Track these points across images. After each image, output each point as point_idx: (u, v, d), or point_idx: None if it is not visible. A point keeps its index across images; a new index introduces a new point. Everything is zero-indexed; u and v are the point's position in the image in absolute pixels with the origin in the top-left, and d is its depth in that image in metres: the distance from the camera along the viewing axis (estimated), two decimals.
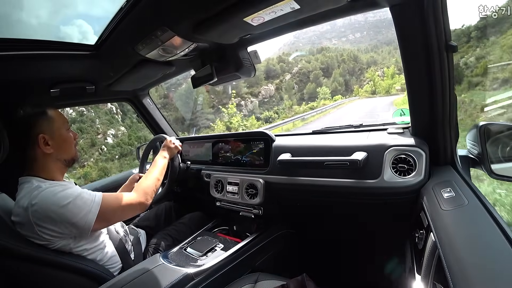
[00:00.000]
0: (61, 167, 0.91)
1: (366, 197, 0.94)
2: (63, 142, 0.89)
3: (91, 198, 0.82)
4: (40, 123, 0.85)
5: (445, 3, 0.65)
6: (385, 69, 50.77)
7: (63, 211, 0.76)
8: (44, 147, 0.84)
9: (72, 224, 0.77)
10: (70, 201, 0.77)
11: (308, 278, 0.78)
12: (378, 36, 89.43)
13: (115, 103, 19.06)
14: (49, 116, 0.87)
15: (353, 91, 50.85)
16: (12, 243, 0.72)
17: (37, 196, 0.76)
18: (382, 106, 20.56)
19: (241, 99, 42.96)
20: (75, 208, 0.78)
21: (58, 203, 0.76)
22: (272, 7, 0.66)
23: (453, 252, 0.49)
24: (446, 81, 0.73)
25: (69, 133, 0.93)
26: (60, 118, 0.91)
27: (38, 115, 0.85)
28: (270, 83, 50.95)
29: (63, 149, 0.89)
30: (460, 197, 0.62)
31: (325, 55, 64.12)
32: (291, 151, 1.11)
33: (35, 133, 0.83)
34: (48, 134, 0.85)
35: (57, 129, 0.88)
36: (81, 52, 0.98)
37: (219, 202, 1.34)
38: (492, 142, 0.77)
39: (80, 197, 0.80)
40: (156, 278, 0.85)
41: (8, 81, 0.98)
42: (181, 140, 1.68)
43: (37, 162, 0.85)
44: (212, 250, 1.08)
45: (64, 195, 0.78)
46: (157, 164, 1.12)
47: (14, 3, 11.14)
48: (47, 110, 0.88)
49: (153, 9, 0.72)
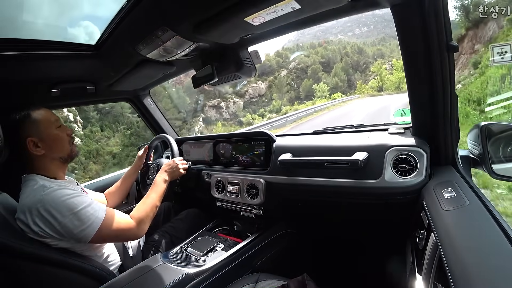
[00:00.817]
0: (59, 165, 0.90)
1: (367, 197, 0.94)
2: (53, 142, 0.87)
3: (95, 214, 0.80)
4: (26, 127, 0.83)
5: (446, 3, 0.65)
6: (393, 61, 40.91)
7: (65, 222, 0.75)
8: (34, 150, 0.83)
9: (70, 234, 0.76)
10: (74, 213, 0.76)
11: (309, 278, 0.78)
12: (386, 30, 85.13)
13: (75, 110, 17.56)
14: (33, 118, 0.84)
15: (357, 88, 41.98)
16: (14, 241, 0.72)
17: (42, 198, 0.75)
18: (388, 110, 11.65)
19: (221, 100, 36.94)
20: (77, 220, 0.76)
21: (62, 211, 0.75)
22: (273, 7, 0.66)
23: (454, 252, 0.48)
24: (446, 81, 0.73)
25: (60, 131, 0.90)
26: (46, 118, 0.88)
27: (22, 118, 0.83)
28: (262, 81, 43.51)
29: (54, 148, 0.87)
30: (461, 197, 0.62)
31: (326, 48, 55.13)
32: (292, 151, 1.11)
33: (23, 137, 0.81)
34: (36, 136, 0.83)
35: (44, 130, 0.85)
36: (82, 52, 0.98)
37: (219, 202, 1.34)
38: (493, 142, 0.77)
39: (84, 211, 0.78)
40: (157, 278, 0.85)
41: (8, 81, 0.98)
42: (182, 140, 1.69)
43: (33, 163, 0.85)
44: (212, 250, 1.08)
45: (69, 204, 0.77)
46: (156, 188, 1.04)
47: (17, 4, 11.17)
48: (31, 112, 0.85)
49: (153, 9, 0.72)
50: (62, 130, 0.92)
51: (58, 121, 0.91)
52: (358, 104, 22.18)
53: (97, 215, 0.80)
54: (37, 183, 0.80)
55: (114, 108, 21.13)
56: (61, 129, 0.91)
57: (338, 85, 45.88)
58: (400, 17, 0.70)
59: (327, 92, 41.05)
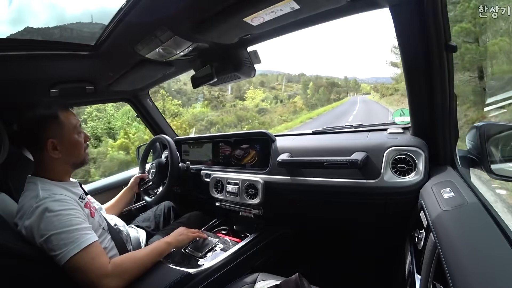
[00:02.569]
0: (68, 169, 0.89)
1: (365, 197, 0.94)
2: (72, 147, 0.86)
3: (82, 239, 0.74)
4: (51, 128, 0.81)
5: (444, 3, 0.65)
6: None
7: (41, 241, 0.72)
8: (52, 152, 0.81)
9: (49, 253, 0.73)
10: (56, 232, 0.72)
11: (302, 277, 0.78)
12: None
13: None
14: (60, 120, 0.83)
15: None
16: (12, 242, 0.72)
17: (33, 210, 0.73)
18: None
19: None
20: (57, 240, 0.72)
21: (41, 230, 0.72)
22: (272, 7, 0.66)
23: (453, 252, 0.49)
24: (445, 81, 0.73)
25: (79, 137, 0.88)
26: (72, 121, 0.86)
27: (49, 118, 0.81)
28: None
29: (71, 153, 0.86)
30: (460, 197, 0.62)
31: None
32: (291, 151, 1.11)
33: (45, 138, 0.79)
34: (58, 139, 0.81)
35: (67, 134, 0.84)
36: (81, 52, 0.98)
37: (218, 202, 1.34)
38: (492, 142, 0.77)
39: (68, 232, 0.73)
40: (156, 278, 0.85)
41: (8, 81, 0.98)
42: (181, 141, 1.69)
43: (43, 164, 0.83)
44: (211, 250, 1.08)
45: (54, 222, 0.72)
46: (156, 248, 0.91)
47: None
48: (60, 113, 0.83)
49: (152, 9, 0.72)
50: (81, 136, 0.90)
51: (79, 126, 0.90)
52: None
53: (79, 243, 0.73)
54: (34, 190, 0.78)
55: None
56: (81, 134, 0.90)
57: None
58: (399, 17, 0.70)
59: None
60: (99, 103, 2.29)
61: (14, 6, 34.73)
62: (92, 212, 0.89)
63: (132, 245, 1.09)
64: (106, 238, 0.92)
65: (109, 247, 0.92)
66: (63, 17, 40.12)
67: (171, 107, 15.03)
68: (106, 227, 0.95)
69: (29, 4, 39.91)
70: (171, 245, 0.96)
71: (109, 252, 0.91)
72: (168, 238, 0.98)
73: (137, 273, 0.82)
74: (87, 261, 0.73)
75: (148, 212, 1.39)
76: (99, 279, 0.73)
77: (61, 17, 39.19)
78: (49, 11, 40.50)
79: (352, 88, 50.13)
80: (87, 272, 0.73)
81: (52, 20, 37.09)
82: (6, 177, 1.09)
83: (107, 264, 0.76)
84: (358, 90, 50.50)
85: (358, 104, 26.94)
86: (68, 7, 50.93)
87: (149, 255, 0.87)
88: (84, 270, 0.72)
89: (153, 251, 0.89)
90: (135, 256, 0.86)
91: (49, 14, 36.35)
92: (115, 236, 0.98)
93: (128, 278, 0.79)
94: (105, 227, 0.94)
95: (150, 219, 1.34)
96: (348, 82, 50.57)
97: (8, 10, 32.69)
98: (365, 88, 51.08)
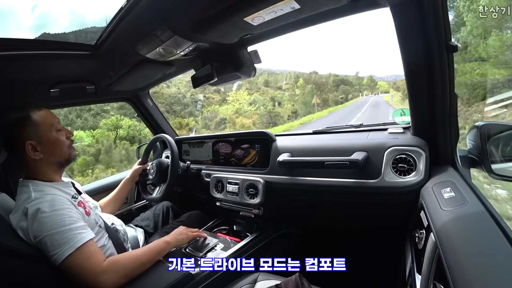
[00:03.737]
0: (55, 169, 0.88)
1: (366, 197, 0.94)
2: (53, 146, 0.84)
3: (75, 238, 0.74)
4: (25, 129, 0.79)
5: (445, 3, 0.65)
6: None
7: (38, 242, 0.73)
8: (32, 154, 0.80)
9: (45, 253, 0.74)
10: (50, 233, 0.71)
11: (302, 277, 0.78)
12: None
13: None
14: (34, 120, 0.81)
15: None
16: (13, 241, 0.72)
17: (26, 211, 0.74)
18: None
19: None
20: (51, 241, 0.72)
21: (35, 232, 0.72)
22: (272, 7, 0.66)
23: (454, 252, 0.48)
24: (446, 81, 0.73)
25: (59, 134, 0.86)
26: (47, 120, 0.84)
27: (22, 120, 0.79)
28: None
29: (53, 152, 0.84)
30: (461, 197, 0.62)
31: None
32: (292, 151, 1.10)
33: (22, 140, 0.78)
34: (36, 139, 0.80)
35: (44, 133, 0.82)
36: (81, 52, 0.98)
37: (219, 202, 1.34)
38: (492, 142, 0.77)
39: (61, 232, 0.72)
40: (156, 278, 0.85)
41: (7, 81, 0.98)
42: (181, 140, 1.69)
43: (29, 167, 0.83)
44: (212, 250, 1.08)
45: (47, 223, 0.72)
46: (155, 247, 0.90)
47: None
48: (31, 113, 0.81)
49: (153, 9, 0.72)
50: (62, 133, 0.88)
51: (58, 123, 0.88)
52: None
53: (73, 243, 0.73)
54: (26, 192, 0.78)
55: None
56: (62, 132, 0.88)
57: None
58: (399, 17, 0.70)
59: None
60: (100, 103, 2.30)
61: (37, 13, 34.67)
62: (87, 210, 0.89)
63: (130, 244, 1.09)
64: (104, 236, 0.92)
65: (106, 245, 0.92)
66: (83, 22, 40.06)
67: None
68: (103, 225, 0.95)
69: (49, 11, 39.87)
70: (171, 244, 0.95)
71: (106, 251, 0.91)
72: (168, 237, 0.97)
73: (134, 270, 0.81)
74: (82, 260, 0.73)
75: (147, 212, 1.39)
76: (95, 277, 0.73)
77: (81, 22, 39.12)
78: (69, 17, 40.43)
79: (366, 86, 42.35)
80: (83, 271, 0.73)
81: (71, 25, 37.03)
82: (6, 177, 1.09)
83: (102, 262, 0.76)
84: (374, 88, 42.54)
85: (362, 110, 19.95)
86: (87, 14, 50.96)
87: (146, 253, 0.87)
88: (79, 269, 0.73)
89: (152, 249, 0.89)
90: (131, 253, 0.86)
91: (69, 19, 36.32)
92: (112, 235, 0.98)
93: (124, 274, 0.78)
94: (101, 225, 0.94)
95: (149, 218, 1.35)
96: (361, 79, 43.16)
97: (31, 17, 32.84)
98: (382, 86, 42.92)
